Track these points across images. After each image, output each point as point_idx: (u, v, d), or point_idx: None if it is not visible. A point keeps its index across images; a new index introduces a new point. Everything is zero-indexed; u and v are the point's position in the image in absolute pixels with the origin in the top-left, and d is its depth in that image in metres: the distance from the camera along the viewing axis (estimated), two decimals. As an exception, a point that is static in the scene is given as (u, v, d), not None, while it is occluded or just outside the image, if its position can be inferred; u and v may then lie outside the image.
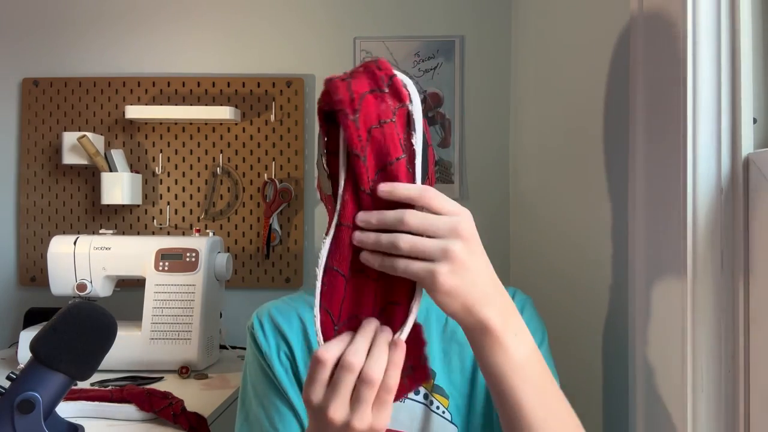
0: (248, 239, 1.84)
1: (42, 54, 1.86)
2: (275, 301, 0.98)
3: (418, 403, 0.84)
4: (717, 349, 0.71)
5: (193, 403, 1.19)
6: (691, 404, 0.72)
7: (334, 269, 0.59)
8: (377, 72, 0.58)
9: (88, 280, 1.51)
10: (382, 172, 0.58)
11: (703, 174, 0.72)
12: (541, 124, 1.48)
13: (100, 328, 0.68)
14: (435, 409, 0.84)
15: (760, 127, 0.71)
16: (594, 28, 1.11)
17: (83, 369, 0.66)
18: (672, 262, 0.76)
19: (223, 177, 1.85)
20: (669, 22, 0.76)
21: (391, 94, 0.58)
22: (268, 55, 1.86)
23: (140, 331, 1.48)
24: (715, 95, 0.72)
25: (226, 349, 1.67)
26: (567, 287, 1.25)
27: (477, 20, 1.83)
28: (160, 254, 1.52)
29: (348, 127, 0.57)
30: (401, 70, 1.79)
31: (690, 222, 0.72)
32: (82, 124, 1.84)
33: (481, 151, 1.82)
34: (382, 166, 0.58)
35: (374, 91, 0.58)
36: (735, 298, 0.70)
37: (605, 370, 1.04)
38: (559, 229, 1.32)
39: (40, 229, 1.84)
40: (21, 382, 0.63)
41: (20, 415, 0.61)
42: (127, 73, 1.86)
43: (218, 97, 1.84)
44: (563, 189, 1.29)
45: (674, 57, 0.75)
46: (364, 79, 0.58)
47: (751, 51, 0.71)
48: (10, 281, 1.86)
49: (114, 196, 1.75)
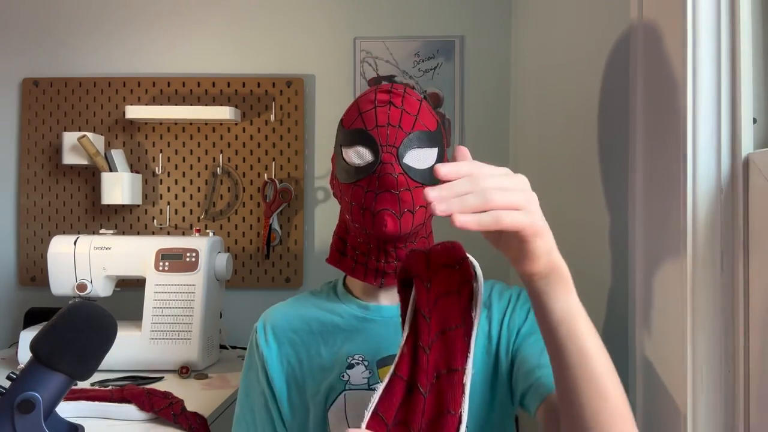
0: (248, 239, 1.84)
1: (42, 54, 1.87)
2: (282, 304, 0.98)
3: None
4: (717, 349, 0.71)
5: (193, 403, 1.19)
6: (691, 404, 0.72)
7: (379, 415, 0.64)
8: (452, 251, 0.67)
9: (88, 280, 1.51)
10: (441, 336, 0.66)
11: (703, 174, 0.72)
12: (541, 124, 1.48)
13: (100, 328, 0.68)
14: None
15: (760, 127, 0.71)
16: (594, 28, 1.11)
17: (83, 369, 0.66)
18: (672, 261, 0.76)
19: (223, 177, 1.85)
20: (669, 22, 0.76)
21: (461, 271, 0.67)
22: (268, 55, 1.86)
23: (140, 331, 1.48)
24: (715, 95, 0.72)
25: (226, 349, 1.67)
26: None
27: (477, 20, 1.83)
28: (160, 254, 1.52)
29: (420, 292, 0.66)
30: (401, 70, 1.80)
31: (690, 222, 0.72)
32: (82, 124, 1.84)
33: (481, 150, 1.82)
34: (442, 329, 0.66)
35: (447, 266, 0.67)
36: (735, 298, 0.70)
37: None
38: (558, 229, 1.32)
39: (40, 229, 1.84)
40: (21, 382, 0.63)
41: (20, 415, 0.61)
42: (127, 73, 1.86)
43: (218, 97, 1.84)
44: (563, 189, 1.29)
45: (674, 57, 0.75)
46: (442, 254, 0.67)
47: (751, 51, 0.71)
48: (10, 281, 1.86)
49: (114, 196, 1.75)
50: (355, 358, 0.87)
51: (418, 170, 0.84)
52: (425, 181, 0.85)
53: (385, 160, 0.83)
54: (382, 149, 0.83)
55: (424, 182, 0.84)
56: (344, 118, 0.90)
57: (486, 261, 1.05)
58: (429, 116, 0.88)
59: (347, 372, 0.86)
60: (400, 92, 0.87)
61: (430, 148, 0.86)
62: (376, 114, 0.84)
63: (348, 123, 0.88)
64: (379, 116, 0.84)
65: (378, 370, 0.86)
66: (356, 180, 0.84)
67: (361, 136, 0.84)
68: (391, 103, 0.85)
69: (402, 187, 0.82)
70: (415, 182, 0.84)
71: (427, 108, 0.89)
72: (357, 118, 0.86)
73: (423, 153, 0.85)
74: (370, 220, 0.83)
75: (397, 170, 0.82)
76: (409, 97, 0.87)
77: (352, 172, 0.85)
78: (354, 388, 0.85)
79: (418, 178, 0.84)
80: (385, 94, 0.86)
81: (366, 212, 0.83)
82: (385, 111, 0.84)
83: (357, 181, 0.84)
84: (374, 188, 0.83)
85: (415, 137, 0.84)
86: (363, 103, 0.87)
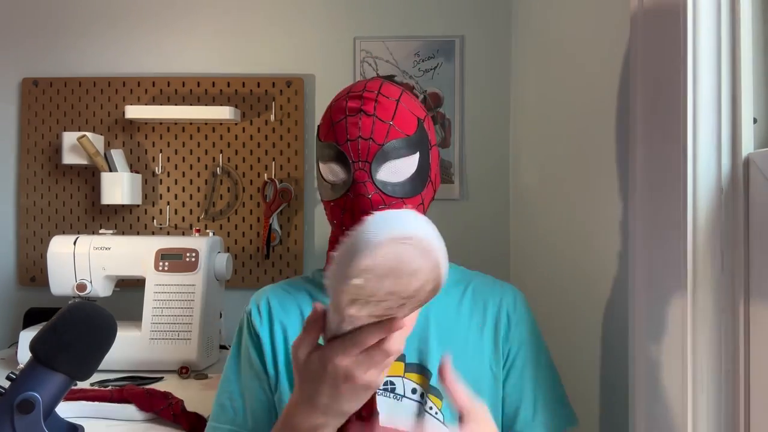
0: (248, 239, 1.84)
1: (42, 54, 1.86)
2: (273, 285, 0.98)
3: (413, 401, 0.84)
4: (717, 349, 0.71)
5: (193, 403, 1.19)
6: (691, 404, 0.72)
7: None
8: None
9: (87, 280, 1.51)
10: None
11: (703, 174, 0.72)
12: (541, 124, 1.48)
13: (100, 328, 0.67)
14: (428, 409, 0.84)
15: (760, 127, 0.71)
16: (594, 28, 1.11)
17: (83, 369, 0.66)
18: (672, 262, 0.76)
19: (223, 177, 1.84)
20: (669, 21, 0.76)
21: None
22: (268, 55, 1.86)
23: (140, 331, 1.48)
24: (715, 95, 0.72)
25: (226, 349, 1.67)
26: (567, 287, 1.25)
27: (477, 20, 1.83)
28: (160, 254, 1.52)
29: None
30: (401, 70, 1.80)
31: (690, 222, 0.72)
32: (82, 124, 1.84)
33: (481, 151, 1.82)
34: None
35: None
36: (735, 299, 0.70)
37: (605, 370, 1.04)
38: (559, 229, 1.32)
39: (40, 229, 1.84)
40: (21, 382, 0.63)
41: (20, 415, 0.61)
42: (127, 73, 1.86)
43: (218, 97, 1.84)
44: (563, 189, 1.29)
45: (674, 57, 0.75)
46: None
47: (751, 51, 0.71)
48: (10, 281, 1.86)
49: (114, 196, 1.74)
50: None
51: (396, 183, 0.81)
52: (405, 194, 0.81)
53: (357, 178, 0.79)
54: (354, 166, 0.80)
55: (404, 195, 0.81)
56: (319, 126, 0.87)
57: (486, 259, 1.05)
58: (407, 117, 0.82)
59: None
60: (373, 95, 0.81)
61: (408, 156, 0.82)
62: (346, 125, 0.80)
63: (323, 134, 0.85)
64: (349, 128, 0.80)
65: None
66: (333, 199, 0.83)
67: (334, 152, 0.81)
68: (362, 111, 0.80)
69: (378, 205, 0.79)
70: (392, 197, 0.80)
71: (405, 107, 0.83)
72: (330, 129, 0.83)
73: (400, 164, 0.81)
74: None
75: (371, 189, 0.79)
76: (384, 99, 0.81)
77: (329, 189, 0.84)
78: None
79: (397, 192, 0.81)
80: (357, 101, 0.81)
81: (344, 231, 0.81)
82: (355, 122, 0.80)
83: (334, 200, 0.83)
84: (349, 209, 0.81)
85: (389, 148, 0.80)
86: (335, 112, 0.83)
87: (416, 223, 0.49)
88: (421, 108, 0.87)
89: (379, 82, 0.85)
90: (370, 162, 0.79)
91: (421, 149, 0.83)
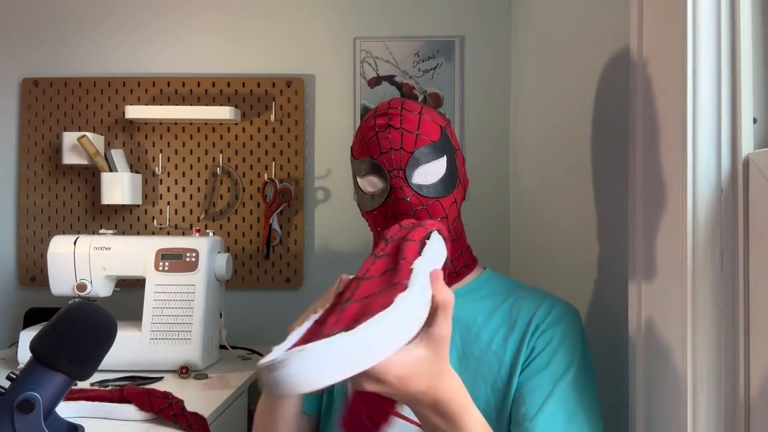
0: (248, 239, 1.84)
1: (42, 54, 1.86)
2: None
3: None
4: (717, 349, 0.71)
5: (193, 403, 1.19)
6: (691, 404, 0.72)
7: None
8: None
9: (88, 280, 1.51)
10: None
11: (703, 174, 0.72)
12: (541, 124, 1.48)
13: (100, 328, 0.68)
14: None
15: (760, 127, 0.71)
16: (594, 28, 1.11)
17: (83, 369, 0.66)
18: (672, 261, 0.76)
19: (223, 177, 1.85)
20: (669, 21, 0.76)
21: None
22: (268, 55, 1.86)
23: (140, 331, 1.48)
24: (715, 95, 0.72)
25: (226, 349, 1.67)
26: (567, 286, 1.25)
27: (477, 20, 1.83)
28: (160, 254, 1.52)
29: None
30: (401, 70, 1.80)
31: (690, 222, 0.72)
32: (82, 124, 1.84)
33: (481, 151, 1.82)
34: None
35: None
36: (735, 298, 0.70)
37: (605, 369, 1.04)
38: (559, 229, 1.32)
39: (40, 229, 1.84)
40: (21, 382, 0.63)
41: (20, 415, 0.61)
42: (127, 73, 1.86)
43: (218, 97, 1.84)
44: (563, 188, 1.29)
45: (674, 57, 0.75)
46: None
47: (751, 51, 0.71)
48: (10, 281, 1.86)
49: (114, 196, 1.75)
50: None
51: (430, 185, 0.89)
52: (438, 193, 0.89)
53: (395, 185, 0.88)
54: (391, 174, 0.88)
55: (438, 195, 0.89)
56: (353, 147, 0.95)
57: (486, 259, 1.05)
58: (431, 126, 0.91)
59: None
60: (398, 111, 0.90)
61: (437, 159, 0.90)
62: (378, 140, 0.89)
63: (357, 152, 0.93)
64: (381, 142, 0.89)
65: None
66: (375, 208, 0.90)
67: (370, 165, 0.90)
68: (390, 126, 0.89)
69: (416, 207, 0.88)
70: (428, 198, 0.88)
71: (428, 117, 0.92)
72: (363, 146, 0.91)
73: (431, 167, 0.89)
74: None
75: (408, 193, 0.87)
76: (407, 113, 0.90)
77: (369, 200, 0.91)
78: None
79: (429, 193, 0.89)
80: (384, 118, 0.90)
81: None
82: (386, 136, 0.89)
83: (375, 209, 0.90)
84: (391, 214, 0.88)
85: (419, 155, 0.88)
86: (365, 131, 0.92)
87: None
88: (441, 117, 0.96)
89: (401, 100, 0.95)
90: (404, 169, 0.88)
91: (448, 153, 0.91)
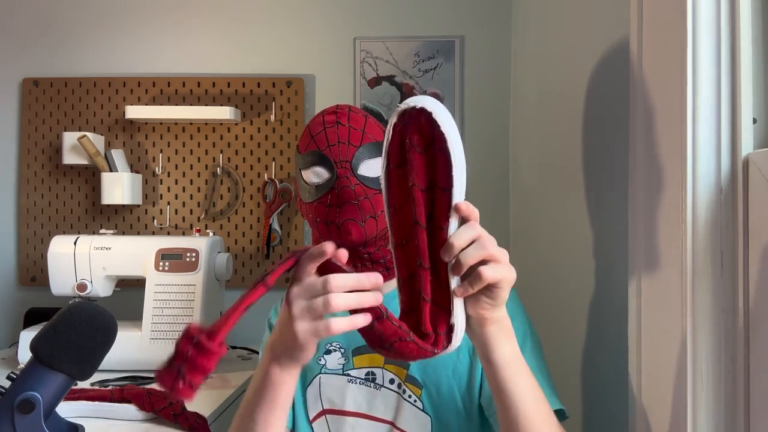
0: (248, 239, 1.84)
1: (42, 54, 1.86)
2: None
3: (391, 391, 0.90)
4: (717, 349, 0.71)
5: (193, 404, 1.19)
6: (691, 404, 0.72)
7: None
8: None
9: (88, 280, 1.51)
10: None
11: (703, 174, 0.72)
12: (541, 124, 1.48)
13: (101, 328, 0.68)
14: (407, 397, 0.90)
15: (760, 127, 0.71)
16: (594, 28, 1.11)
17: (83, 369, 0.66)
18: (672, 261, 0.76)
19: (223, 177, 1.85)
20: (669, 21, 0.76)
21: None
22: (268, 55, 1.86)
23: (140, 331, 1.48)
24: (715, 95, 0.72)
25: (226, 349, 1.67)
26: (567, 286, 1.25)
27: (477, 20, 1.83)
28: (160, 254, 1.52)
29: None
30: (401, 70, 1.80)
31: (690, 222, 0.72)
32: (82, 124, 1.84)
33: (480, 151, 1.82)
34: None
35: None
36: (735, 298, 0.70)
37: (605, 369, 1.04)
38: (559, 229, 1.32)
39: (40, 229, 1.84)
40: (21, 382, 0.63)
41: (20, 415, 0.61)
42: (127, 73, 1.86)
43: (218, 97, 1.84)
44: (563, 188, 1.29)
45: (674, 57, 0.75)
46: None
47: (751, 51, 0.71)
48: (10, 281, 1.86)
49: (114, 196, 1.75)
50: (333, 345, 0.94)
51: (374, 178, 0.92)
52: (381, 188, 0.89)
53: (340, 174, 0.91)
54: (337, 165, 0.91)
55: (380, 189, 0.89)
56: (299, 143, 0.98)
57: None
58: (375, 128, 0.96)
59: (324, 357, 0.94)
60: (345, 111, 0.95)
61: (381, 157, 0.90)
62: (326, 134, 0.93)
63: (303, 147, 0.96)
64: (329, 136, 0.92)
65: (353, 358, 0.93)
66: (318, 197, 0.92)
67: (317, 157, 0.92)
68: (338, 123, 0.93)
69: (360, 196, 0.90)
70: (372, 189, 0.91)
71: (373, 122, 0.97)
72: (310, 141, 0.94)
73: (375, 162, 0.92)
74: (336, 232, 0.90)
75: (353, 182, 0.90)
76: (354, 114, 0.95)
77: (313, 190, 0.93)
78: (329, 372, 0.93)
79: (374, 185, 0.91)
80: (332, 115, 0.95)
81: (331, 225, 0.90)
82: (334, 130, 0.93)
83: (318, 198, 0.92)
84: (335, 202, 0.90)
85: (365, 149, 0.92)
86: (313, 127, 0.95)
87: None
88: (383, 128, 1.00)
89: (347, 105, 0.99)
90: (350, 161, 0.91)
91: None
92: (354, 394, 0.91)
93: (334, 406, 0.92)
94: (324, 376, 0.94)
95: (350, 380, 0.92)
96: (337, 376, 0.93)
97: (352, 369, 0.93)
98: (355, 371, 0.92)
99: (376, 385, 0.91)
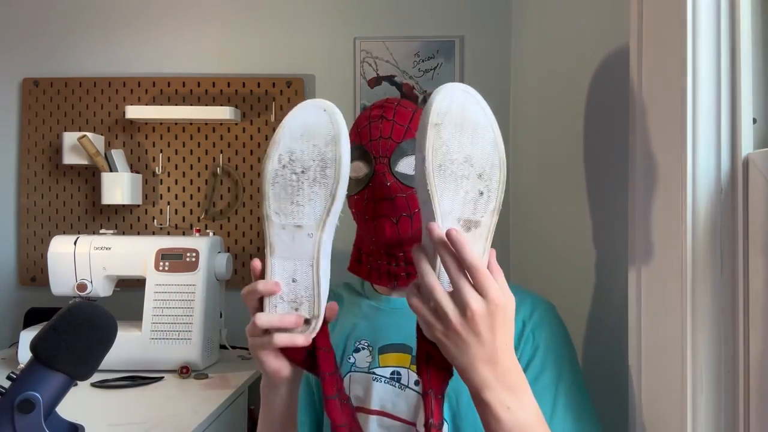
0: (248, 239, 1.84)
1: (42, 54, 1.87)
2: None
3: (416, 392, 0.88)
4: (717, 349, 0.71)
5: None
6: (691, 404, 0.72)
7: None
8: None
9: (88, 280, 1.52)
10: None
11: (703, 174, 0.72)
12: (541, 124, 1.48)
13: (101, 328, 0.68)
14: None
15: (760, 127, 0.71)
16: (594, 28, 1.11)
17: (83, 369, 0.66)
18: (671, 261, 0.76)
19: (223, 177, 1.85)
20: (669, 21, 0.76)
21: None
22: (268, 55, 1.86)
23: (140, 331, 1.48)
24: (715, 95, 0.72)
25: (226, 349, 1.67)
26: (566, 285, 1.25)
27: (477, 20, 1.83)
28: (160, 254, 1.52)
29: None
30: (401, 70, 1.80)
31: (689, 222, 0.72)
32: (82, 124, 1.84)
33: (481, 151, 1.82)
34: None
35: None
36: (735, 298, 0.70)
37: (604, 369, 1.04)
38: (558, 228, 1.32)
39: (40, 229, 1.84)
40: (21, 382, 0.63)
41: (20, 415, 0.61)
42: (127, 73, 1.86)
43: (218, 97, 1.84)
44: (563, 188, 1.29)
45: (674, 57, 0.75)
46: None
47: (751, 51, 0.71)
48: (11, 281, 1.86)
49: (114, 196, 1.75)
50: (361, 342, 0.93)
51: (412, 176, 0.89)
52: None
53: (378, 170, 0.89)
54: (376, 161, 0.90)
55: None
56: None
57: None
58: None
59: (353, 355, 0.93)
60: (393, 105, 0.93)
61: None
62: (369, 129, 0.92)
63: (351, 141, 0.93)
64: (372, 131, 0.92)
65: (379, 356, 0.92)
66: (357, 192, 0.91)
67: (358, 152, 0.91)
68: (383, 117, 0.92)
69: (396, 193, 0.88)
70: (410, 187, 0.89)
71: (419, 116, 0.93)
72: (356, 135, 0.94)
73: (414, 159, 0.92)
74: (372, 228, 0.90)
75: (390, 179, 0.89)
76: (401, 109, 0.93)
77: (353, 185, 0.92)
78: (358, 371, 0.92)
79: (412, 183, 0.89)
80: (379, 110, 0.93)
81: (368, 221, 0.90)
82: (377, 125, 0.91)
83: (357, 192, 0.91)
84: (371, 197, 0.90)
85: (406, 146, 0.90)
86: (360, 121, 0.95)
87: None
88: None
89: (398, 99, 0.98)
90: (389, 156, 0.90)
91: None
92: (379, 393, 0.90)
93: (360, 404, 0.91)
94: (353, 374, 0.93)
95: (375, 378, 0.90)
96: (363, 374, 0.92)
97: (378, 367, 0.91)
98: (381, 369, 0.91)
99: (401, 385, 0.89)
